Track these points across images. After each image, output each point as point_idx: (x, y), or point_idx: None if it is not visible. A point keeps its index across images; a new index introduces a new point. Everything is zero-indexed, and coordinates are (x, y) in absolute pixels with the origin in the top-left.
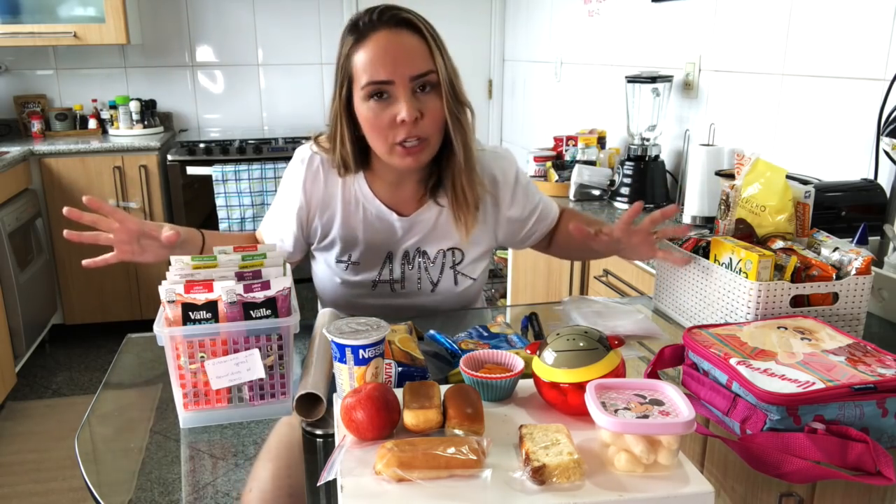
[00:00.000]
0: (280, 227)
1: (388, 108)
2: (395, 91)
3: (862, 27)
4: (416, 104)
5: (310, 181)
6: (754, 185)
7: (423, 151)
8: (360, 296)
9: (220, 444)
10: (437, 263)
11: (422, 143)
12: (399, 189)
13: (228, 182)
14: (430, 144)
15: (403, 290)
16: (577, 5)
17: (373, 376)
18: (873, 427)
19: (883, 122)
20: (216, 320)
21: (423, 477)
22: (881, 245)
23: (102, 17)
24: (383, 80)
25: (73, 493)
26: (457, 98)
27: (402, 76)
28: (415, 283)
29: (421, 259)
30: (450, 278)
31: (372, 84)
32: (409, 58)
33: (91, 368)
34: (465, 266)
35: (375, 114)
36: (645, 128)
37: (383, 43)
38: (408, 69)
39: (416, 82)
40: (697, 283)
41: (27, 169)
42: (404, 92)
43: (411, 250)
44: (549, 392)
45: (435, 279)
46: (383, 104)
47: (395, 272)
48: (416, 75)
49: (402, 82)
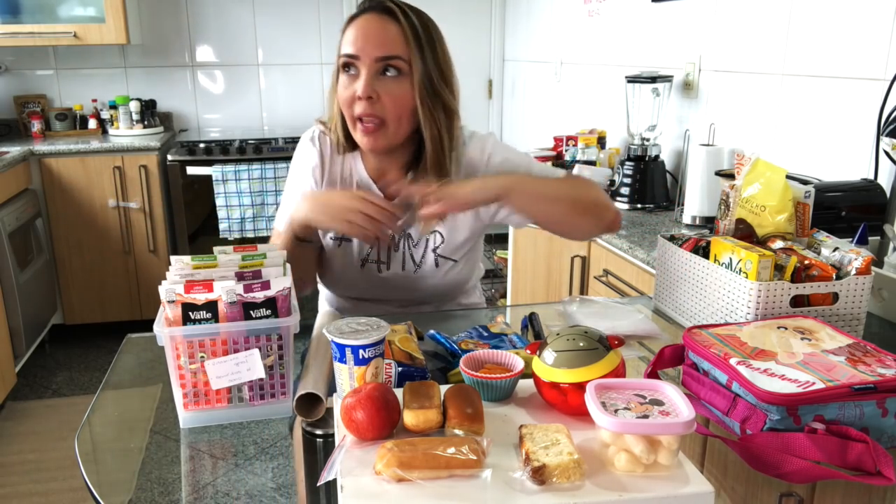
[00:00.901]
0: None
1: (352, 83)
2: (360, 66)
3: (862, 27)
4: (374, 84)
5: (319, 158)
6: (754, 185)
7: (380, 133)
8: (349, 274)
9: (220, 444)
10: (420, 246)
11: (378, 125)
12: (386, 175)
13: (228, 182)
14: (387, 128)
15: (389, 270)
16: (577, 5)
17: (373, 376)
18: (873, 427)
19: (883, 122)
20: (216, 320)
21: (423, 477)
22: (881, 245)
23: (102, 17)
24: (351, 54)
25: (73, 493)
26: (435, 95)
27: (367, 54)
28: (399, 263)
29: (404, 241)
30: (430, 260)
31: (343, 56)
32: (380, 39)
33: (91, 368)
34: (446, 249)
35: (344, 86)
36: (645, 128)
37: (363, 24)
38: (375, 49)
39: (381, 64)
40: (697, 283)
41: (27, 169)
42: (366, 70)
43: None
44: (549, 392)
45: (417, 260)
46: (350, 78)
47: (382, 253)
48: (380, 56)
49: (367, 60)
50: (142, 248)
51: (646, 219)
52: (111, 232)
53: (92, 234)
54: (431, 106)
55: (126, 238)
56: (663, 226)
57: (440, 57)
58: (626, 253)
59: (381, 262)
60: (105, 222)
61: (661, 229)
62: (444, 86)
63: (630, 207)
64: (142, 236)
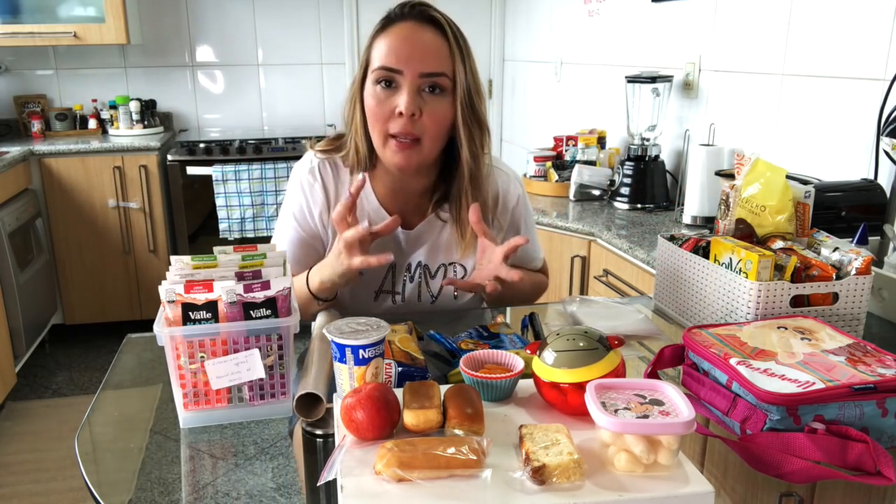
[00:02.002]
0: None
1: (392, 98)
2: (402, 81)
3: (862, 27)
4: (418, 101)
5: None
6: (754, 185)
7: (414, 151)
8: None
9: (220, 444)
10: (438, 278)
11: (415, 142)
12: (402, 200)
13: (228, 182)
14: (423, 147)
15: (404, 302)
16: (577, 5)
17: (373, 376)
18: (873, 427)
19: (883, 122)
20: (216, 320)
21: (423, 477)
22: (881, 245)
23: (102, 17)
24: (393, 68)
25: (73, 493)
26: (473, 112)
27: (412, 69)
28: (415, 295)
29: (422, 272)
30: (449, 292)
31: (382, 69)
32: (425, 54)
33: (91, 368)
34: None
35: (378, 100)
36: (645, 128)
37: (404, 33)
38: (420, 64)
39: (426, 80)
40: (697, 283)
41: (27, 169)
42: (410, 85)
43: (413, 263)
44: (549, 392)
45: (435, 293)
46: (388, 92)
47: (396, 284)
48: (426, 73)
49: (412, 75)
50: (142, 248)
51: (646, 219)
52: (111, 232)
53: (92, 234)
54: (472, 126)
55: (126, 238)
56: (663, 226)
57: (474, 68)
58: (626, 253)
59: (395, 294)
60: (105, 222)
61: (661, 229)
62: (479, 99)
63: (630, 207)
64: (142, 236)
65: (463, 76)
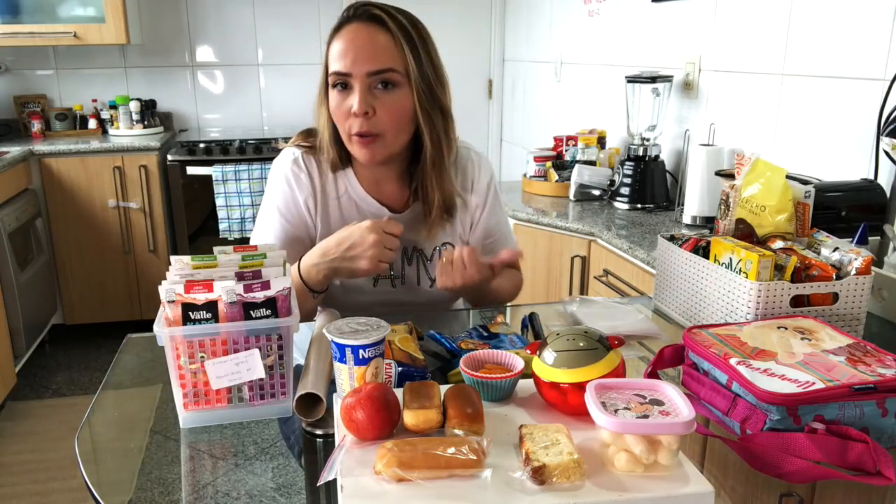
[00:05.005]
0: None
1: (347, 99)
2: (353, 83)
3: (862, 27)
4: (369, 99)
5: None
6: (754, 185)
7: (377, 145)
8: (361, 291)
9: (220, 444)
10: (435, 260)
11: (375, 137)
12: (384, 187)
13: (228, 182)
14: (385, 140)
15: (404, 285)
16: (577, 5)
17: (373, 376)
18: (873, 427)
19: (883, 122)
20: (216, 320)
21: (423, 477)
22: (881, 245)
23: (102, 17)
24: (342, 72)
25: (73, 493)
26: (433, 100)
27: (359, 70)
28: (414, 278)
29: (419, 256)
30: None
31: (334, 74)
32: (370, 53)
33: (91, 368)
34: None
35: (337, 103)
36: (645, 128)
37: (350, 36)
38: (365, 64)
39: (374, 78)
40: (697, 283)
41: (27, 169)
42: (360, 85)
43: (409, 248)
44: (549, 392)
45: (433, 275)
46: (344, 94)
47: (395, 268)
48: (372, 71)
49: (359, 76)
50: (142, 248)
51: (646, 219)
52: (111, 232)
53: (92, 234)
54: (430, 110)
55: (126, 238)
56: (663, 226)
57: (433, 57)
58: (626, 253)
59: (394, 278)
60: (105, 222)
61: (661, 229)
62: (440, 87)
63: (630, 207)
64: (142, 236)
65: (416, 67)
